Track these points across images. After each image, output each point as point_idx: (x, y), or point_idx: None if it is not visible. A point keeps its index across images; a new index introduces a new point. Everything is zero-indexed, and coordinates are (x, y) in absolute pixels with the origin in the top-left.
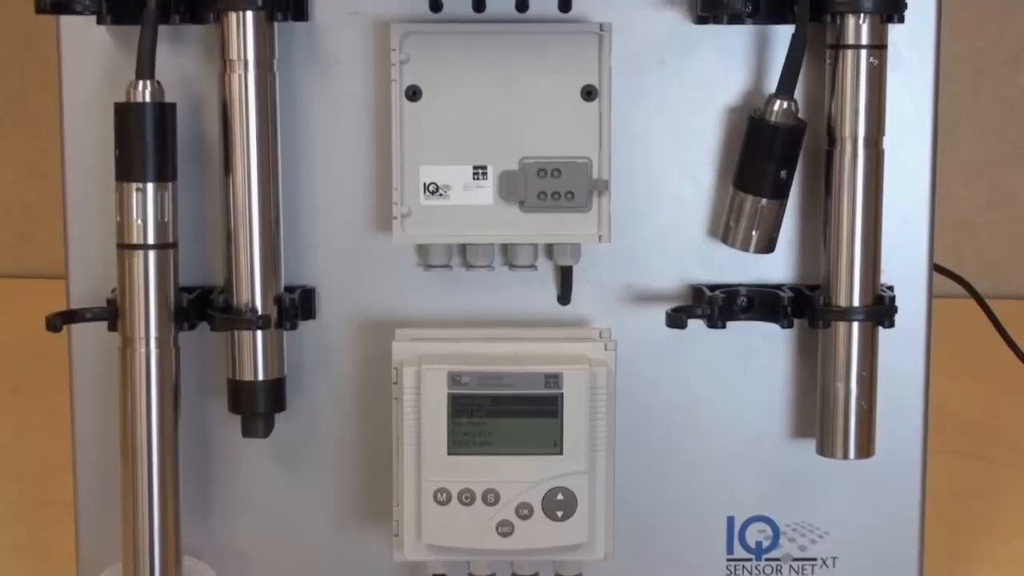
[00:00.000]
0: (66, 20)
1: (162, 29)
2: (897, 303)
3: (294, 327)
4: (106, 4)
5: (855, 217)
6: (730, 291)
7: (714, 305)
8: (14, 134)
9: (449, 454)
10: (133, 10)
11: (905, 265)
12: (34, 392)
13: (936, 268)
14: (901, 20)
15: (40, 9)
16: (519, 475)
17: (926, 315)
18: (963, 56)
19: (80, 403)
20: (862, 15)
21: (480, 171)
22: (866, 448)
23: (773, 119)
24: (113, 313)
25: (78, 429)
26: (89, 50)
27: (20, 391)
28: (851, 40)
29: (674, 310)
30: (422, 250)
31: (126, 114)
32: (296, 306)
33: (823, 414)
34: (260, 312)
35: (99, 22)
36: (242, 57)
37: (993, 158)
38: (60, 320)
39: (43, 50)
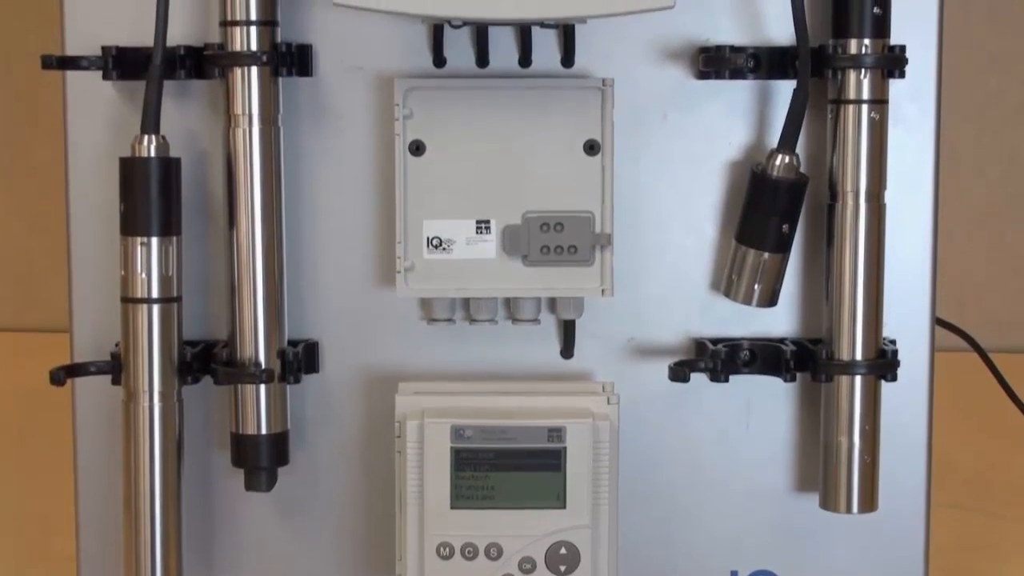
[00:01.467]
0: (72, 75)
1: (167, 84)
2: (900, 357)
3: (297, 381)
4: (112, 60)
5: (857, 271)
6: (733, 345)
7: (717, 359)
8: (20, 188)
9: (452, 508)
10: (139, 66)
11: (907, 319)
12: (37, 445)
13: (938, 321)
14: (902, 75)
15: (47, 65)
16: (522, 529)
17: (928, 368)
18: (964, 110)
19: (83, 456)
20: (863, 71)
21: (483, 225)
22: (869, 502)
23: (775, 173)
24: (117, 367)
25: (81, 483)
26: (95, 105)
27: (23, 444)
28: (852, 95)
29: (677, 364)
30: (425, 304)
31: (131, 168)
32: (299, 360)
33: (826, 468)
34: (263, 366)
35: (105, 77)
36: (247, 112)
37: (995, 211)
38: (64, 373)
39: (49, 104)
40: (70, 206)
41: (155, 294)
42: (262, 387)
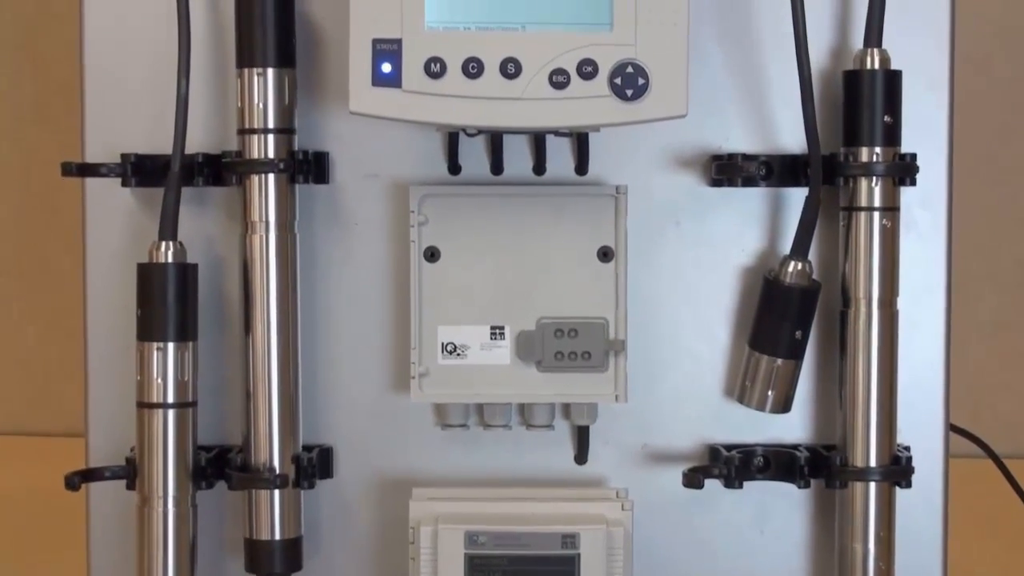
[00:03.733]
0: (92, 182)
1: (185, 191)
2: (914, 463)
3: (311, 486)
4: (131, 167)
5: (870, 377)
6: (747, 451)
7: (731, 465)
8: (37, 293)
9: None
10: (157, 173)
11: (921, 425)
12: (51, 550)
13: (952, 428)
14: (913, 183)
15: (67, 172)
16: None
17: (943, 475)
18: (977, 216)
19: (97, 562)
20: (874, 178)
21: (497, 331)
22: None
23: (788, 280)
24: (132, 472)
25: None
26: (113, 211)
27: (37, 549)
28: (864, 203)
29: (691, 470)
30: (440, 409)
31: (149, 274)
32: (314, 465)
33: (841, 574)
34: (278, 471)
35: (124, 184)
36: (264, 219)
37: (1008, 318)
38: (79, 478)
39: (68, 210)
40: (87, 311)
41: (171, 399)
42: (276, 492)
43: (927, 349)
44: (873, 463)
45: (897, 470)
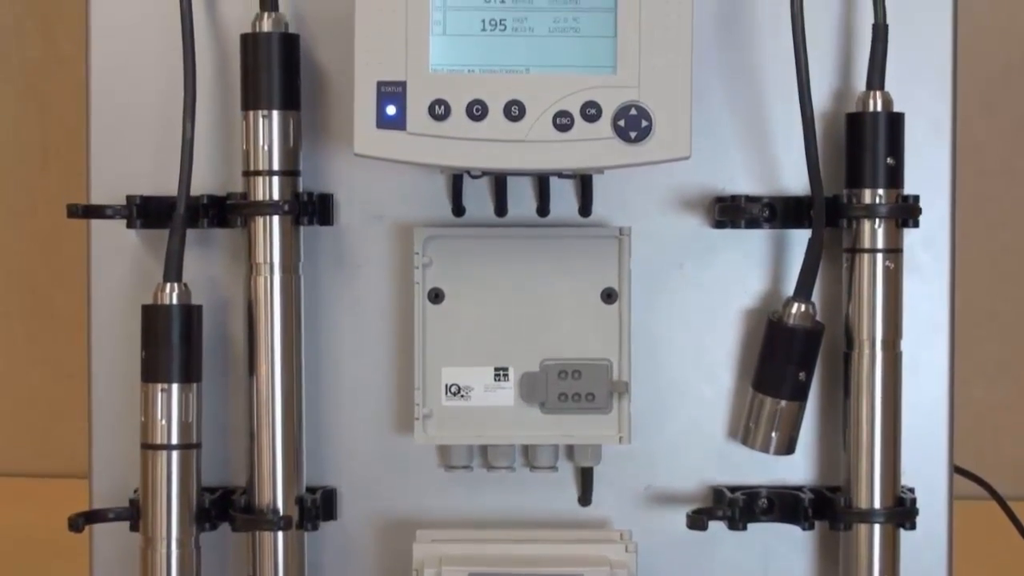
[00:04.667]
0: (97, 223)
1: (190, 232)
2: (918, 505)
3: (315, 528)
4: (136, 209)
5: (874, 419)
6: (751, 493)
7: (735, 507)
8: (42, 334)
9: None
10: (162, 214)
11: (925, 466)
12: None
13: (957, 470)
14: (916, 225)
15: (72, 214)
16: None
17: (947, 517)
18: (980, 257)
19: None
20: (877, 220)
21: (501, 372)
22: None
23: (791, 322)
24: (135, 513)
25: None
26: (118, 252)
27: None
28: (867, 244)
29: (695, 512)
30: (443, 451)
31: (153, 316)
32: (317, 507)
33: None
34: (281, 513)
35: (129, 226)
36: (268, 260)
37: (1012, 359)
38: (82, 520)
39: (72, 251)
40: (91, 352)
41: (175, 440)
42: (279, 534)
43: (931, 390)
44: (877, 505)
45: (901, 512)
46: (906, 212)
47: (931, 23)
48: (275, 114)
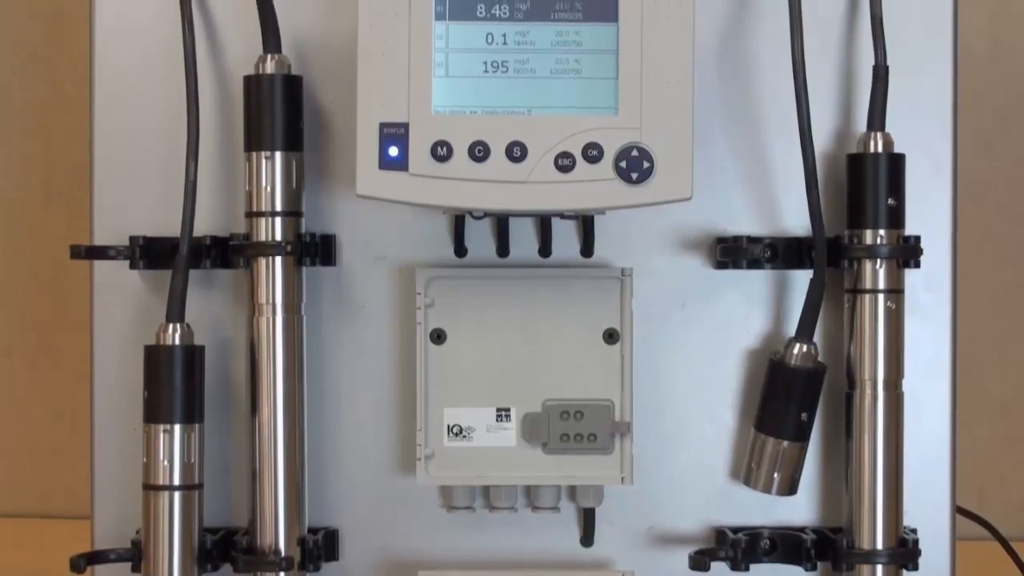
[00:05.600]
0: (100, 264)
1: (193, 273)
2: (921, 546)
3: (317, 569)
4: (139, 250)
5: (876, 459)
6: (753, 533)
7: (737, 548)
8: (44, 376)
9: None
10: (165, 255)
11: (928, 507)
12: None
13: (959, 510)
14: (917, 265)
15: (75, 255)
16: None
17: (950, 558)
18: (982, 297)
19: None
20: (879, 261)
21: (503, 413)
22: None
23: (793, 362)
24: (137, 554)
25: None
26: (121, 293)
27: None
28: (868, 285)
29: (697, 552)
30: (445, 491)
31: (156, 356)
32: (319, 548)
33: None
34: (283, 554)
35: (132, 267)
36: (271, 301)
37: (1015, 398)
38: (84, 561)
39: (75, 292)
40: (94, 392)
41: (177, 481)
42: (282, 575)
43: (933, 431)
44: (880, 545)
45: (904, 552)
46: (907, 253)
47: (931, 64)
48: (278, 155)
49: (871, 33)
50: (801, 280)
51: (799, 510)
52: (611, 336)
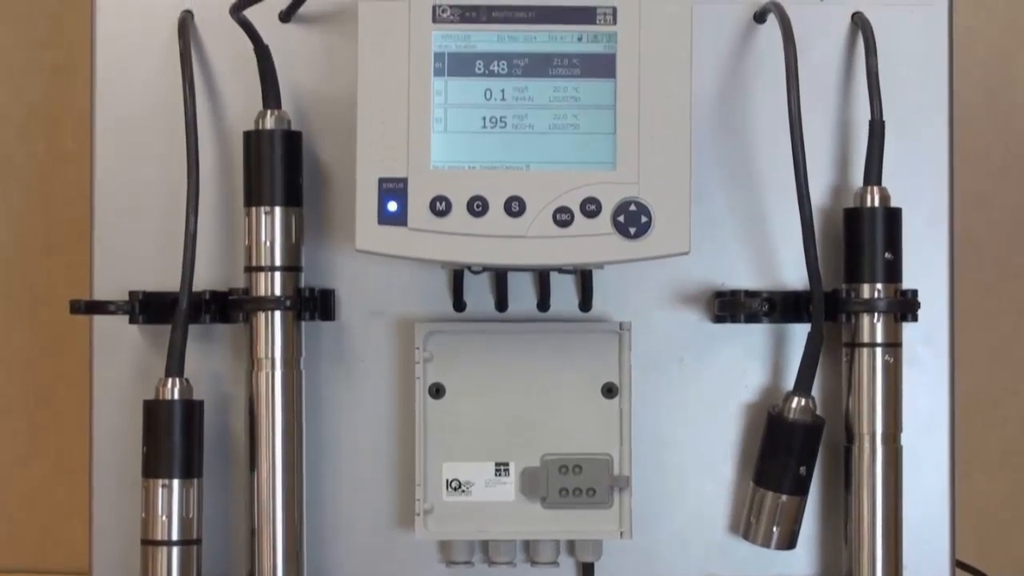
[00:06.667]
0: (99, 319)
1: (192, 328)
2: None
3: None
4: (139, 304)
5: (875, 513)
6: None
7: None
8: (43, 429)
9: None
10: (165, 310)
11: (927, 560)
12: None
13: (959, 564)
14: (915, 319)
15: (75, 310)
16: None
17: None
18: (980, 350)
19: None
20: (876, 315)
21: (502, 467)
22: None
23: (791, 416)
24: None
25: None
26: (121, 348)
27: None
28: (866, 339)
29: None
30: (444, 546)
31: (155, 411)
32: None
33: None
34: None
35: (132, 321)
36: (270, 356)
37: (1014, 451)
38: None
39: (75, 346)
40: (93, 447)
41: (175, 536)
42: None
43: (932, 484)
44: None
45: None
46: (905, 307)
47: (927, 118)
48: (277, 210)
49: (867, 88)
50: (799, 334)
51: (798, 564)
52: (610, 390)
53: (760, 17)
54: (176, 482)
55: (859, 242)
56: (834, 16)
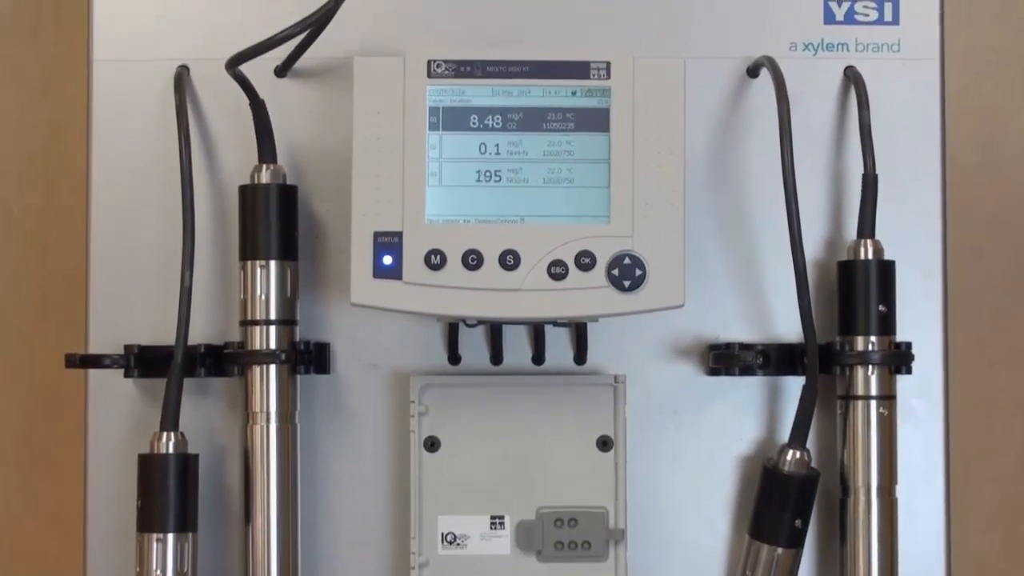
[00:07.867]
0: (94, 373)
1: (187, 381)
2: None
3: None
4: (134, 358)
5: (871, 566)
6: None
7: None
8: (37, 484)
9: None
10: (160, 364)
11: None
12: None
13: None
14: (909, 371)
15: (70, 364)
16: None
17: None
18: (974, 402)
19: None
20: (870, 367)
21: (497, 521)
22: None
23: (786, 469)
24: None
25: None
26: (116, 401)
27: None
28: (861, 391)
29: None
30: None
31: (149, 465)
32: None
33: None
34: None
35: (127, 375)
36: (265, 409)
37: (1008, 504)
38: None
39: (70, 400)
40: (87, 502)
41: None
42: None
43: (927, 537)
44: None
45: None
46: (899, 359)
47: (920, 171)
48: (273, 264)
49: (860, 141)
50: (794, 386)
51: None
52: (605, 443)
53: (753, 71)
54: (171, 536)
55: (853, 295)
56: (827, 70)
